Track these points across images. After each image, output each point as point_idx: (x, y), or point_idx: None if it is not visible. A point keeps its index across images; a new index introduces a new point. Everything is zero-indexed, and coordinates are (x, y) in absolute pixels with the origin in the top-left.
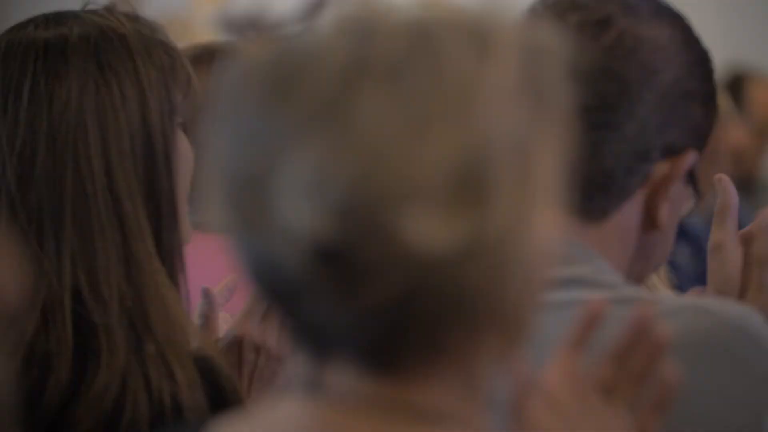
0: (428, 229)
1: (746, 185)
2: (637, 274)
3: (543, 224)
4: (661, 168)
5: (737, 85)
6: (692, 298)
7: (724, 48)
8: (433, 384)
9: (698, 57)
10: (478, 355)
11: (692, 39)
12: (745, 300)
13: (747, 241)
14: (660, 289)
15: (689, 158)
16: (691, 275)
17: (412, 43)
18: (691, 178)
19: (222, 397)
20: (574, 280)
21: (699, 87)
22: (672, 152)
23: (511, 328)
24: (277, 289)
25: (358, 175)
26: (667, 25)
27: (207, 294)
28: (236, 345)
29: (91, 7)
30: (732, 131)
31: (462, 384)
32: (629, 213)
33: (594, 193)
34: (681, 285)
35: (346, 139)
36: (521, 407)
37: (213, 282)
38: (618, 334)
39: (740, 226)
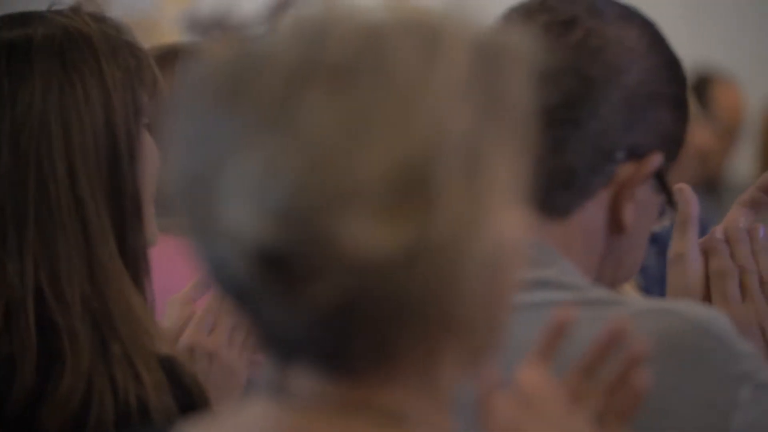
0: (368, 235)
1: (711, 187)
2: (608, 280)
3: (504, 225)
4: (625, 169)
5: (703, 87)
6: (659, 301)
7: (689, 50)
8: (393, 386)
9: (666, 61)
10: (438, 358)
11: (661, 43)
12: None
13: (709, 251)
14: (627, 291)
15: (654, 161)
16: (656, 276)
17: (361, 46)
18: (663, 186)
19: (189, 399)
20: (541, 282)
21: (667, 90)
22: (637, 154)
23: (476, 331)
24: (233, 293)
25: (298, 179)
26: (634, 28)
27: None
28: (188, 353)
29: (56, 7)
30: (697, 133)
31: (423, 386)
32: (594, 213)
33: (556, 189)
34: (647, 286)
35: (289, 143)
36: (488, 409)
37: (179, 285)
38: (589, 341)
39: (706, 229)
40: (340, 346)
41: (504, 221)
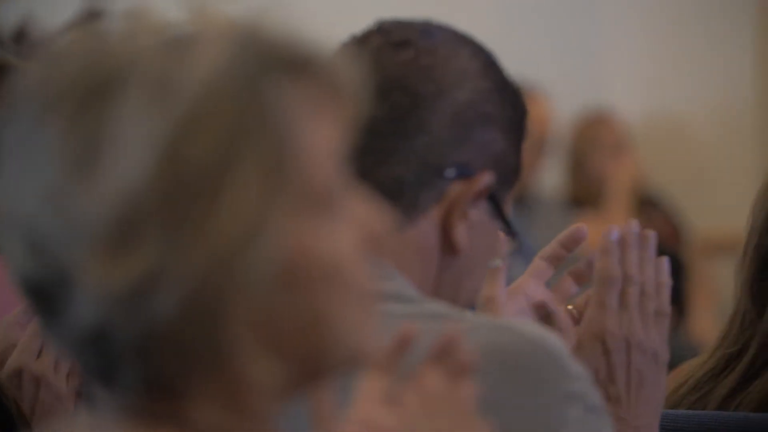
0: (101, 267)
1: (519, 200)
2: (448, 302)
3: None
4: (456, 187)
5: None
6: (495, 317)
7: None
8: (202, 401)
9: (499, 85)
10: (247, 380)
11: (494, 67)
12: (583, 319)
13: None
14: None
15: (483, 180)
16: None
17: (109, 71)
18: (497, 210)
19: (7, 420)
20: (379, 295)
21: (498, 113)
22: (467, 173)
23: (292, 352)
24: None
25: (34, 211)
26: (465, 50)
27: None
28: (15, 377)
29: None
30: None
31: (234, 402)
32: (426, 230)
33: (386, 201)
34: None
35: (28, 174)
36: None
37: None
38: (423, 350)
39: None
40: (111, 370)
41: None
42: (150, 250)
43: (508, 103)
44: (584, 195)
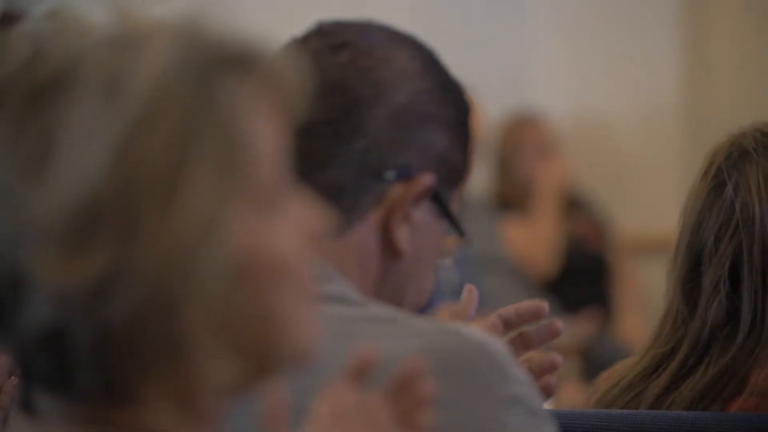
0: (55, 268)
1: None
2: (393, 306)
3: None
4: (396, 190)
5: None
6: (438, 320)
7: None
8: (145, 405)
9: (441, 85)
10: (195, 381)
11: (435, 67)
12: None
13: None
14: None
15: (423, 181)
16: None
17: (55, 70)
18: (443, 210)
19: None
20: (324, 297)
21: (439, 113)
22: (407, 175)
23: (240, 352)
24: None
25: None
26: (404, 51)
27: None
28: None
29: None
30: None
31: (181, 404)
32: (366, 234)
33: (324, 205)
34: None
35: None
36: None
37: None
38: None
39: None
40: (65, 374)
41: (249, 232)
42: (105, 250)
43: (450, 103)
44: (511, 197)
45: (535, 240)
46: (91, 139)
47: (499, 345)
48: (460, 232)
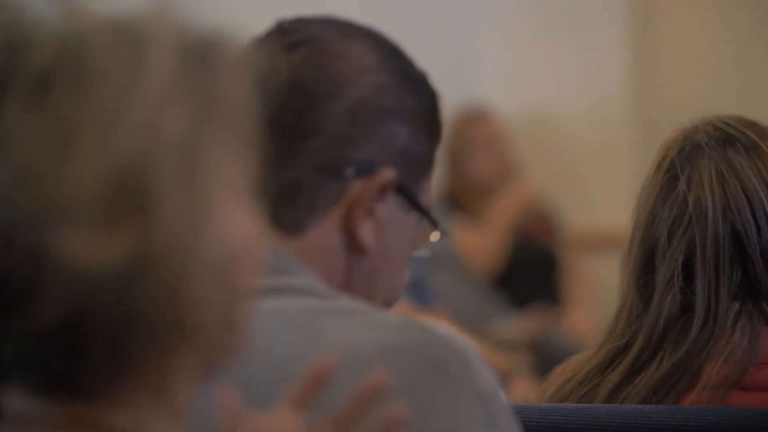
0: (85, 248)
1: None
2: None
3: (231, 225)
4: (356, 186)
5: None
6: (403, 314)
7: None
8: (124, 404)
9: (398, 77)
10: (172, 372)
11: (393, 59)
12: None
13: None
14: None
15: (384, 176)
16: None
17: (60, 54)
18: (412, 203)
19: None
20: (286, 289)
21: (399, 106)
22: (367, 170)
23: (211, 336)
24: None
25: (1, 195)
26: (361, 46)
27: None
28: None
29: None
30: None
31: (158, 402)
32: (328, 231)
33: (283, 204)
34: None
35: None
36: None
37: None
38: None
39: None
40: (66, 364)
41: (231, 222)
42: (133, 229)
43: (410, 95)
44: (461, 197)
45: (484, 248)
46: (118, 117)
47: (464, 341)
48: (434, 224)
